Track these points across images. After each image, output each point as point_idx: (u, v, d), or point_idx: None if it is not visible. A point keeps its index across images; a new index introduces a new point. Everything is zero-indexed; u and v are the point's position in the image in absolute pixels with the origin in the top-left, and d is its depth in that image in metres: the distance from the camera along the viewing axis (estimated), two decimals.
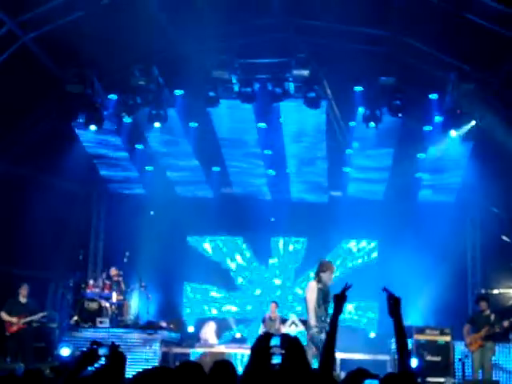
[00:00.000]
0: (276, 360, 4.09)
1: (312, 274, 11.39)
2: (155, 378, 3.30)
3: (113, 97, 14.72)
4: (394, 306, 4.31)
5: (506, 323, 13.42)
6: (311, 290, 10.61)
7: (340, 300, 4.65)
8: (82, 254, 17.73)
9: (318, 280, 10.65)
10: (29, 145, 14.80)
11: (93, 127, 14.97)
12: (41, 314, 14.56)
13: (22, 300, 14.30)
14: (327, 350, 4.41)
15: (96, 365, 3.99)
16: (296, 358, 4.06)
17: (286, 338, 4.18)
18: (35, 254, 15.14)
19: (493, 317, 13.51)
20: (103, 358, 4.06)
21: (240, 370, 4.50)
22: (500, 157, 14.83)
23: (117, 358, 4.10)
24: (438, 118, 14.59)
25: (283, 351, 4.12)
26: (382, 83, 13.65)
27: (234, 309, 18.81)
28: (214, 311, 18.78)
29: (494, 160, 15.00)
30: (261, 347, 4.22)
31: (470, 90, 13.47)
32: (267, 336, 4.29)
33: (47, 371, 10.84)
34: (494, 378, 13.29)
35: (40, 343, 14.49)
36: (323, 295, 10.51)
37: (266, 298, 17.81)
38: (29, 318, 14.22)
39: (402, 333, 4.24)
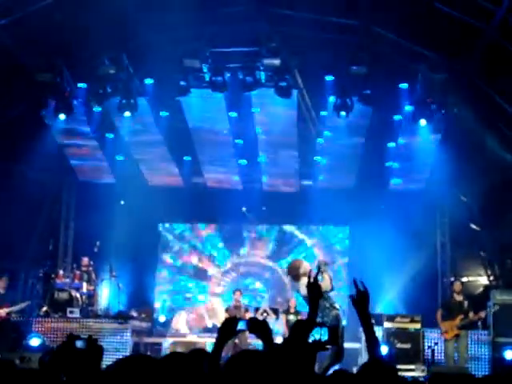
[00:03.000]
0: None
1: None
2: (138, 368, 3.29)
3: (82, 85, 14.60)
4: (360, 299, 4.19)
5: (482, 314, 13.61)
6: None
7: (312, 290, 4.36)
8: (51, 243, 17.62)
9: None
10: None
11: (62, 116, 14.87)
12: (25, 303, 14.48)
13: (1, 291, 14.17)
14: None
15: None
16: (269, 339, 4.03)
17: (253, 321, 4.15)
18: (3, 245, 14.98)
19: (466, 304, 13.67)
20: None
21: None
22: (469, 146, 14.97)
23: (94, 350, 4.06)
24: (408, 108, 14.68)
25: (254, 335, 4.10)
26: (352, 72, 13.68)
27: (204, 298, 18.79)
28: (187, 301, 18.74)
29: (463, 149, 15.13)
30: (227, 331, 4.19)
31: (440, 79, 13.56)
32: (233, 320, 4.26)
33: (17, 361, 10.78)
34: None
35: (12, 334, 14.38)
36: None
37: (236, 286, 17.83)
38: (16, 308, 14.15)
39: (368, 325, 4.15)
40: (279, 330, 15.17)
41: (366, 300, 4.16)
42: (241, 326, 4.14)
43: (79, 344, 4.06)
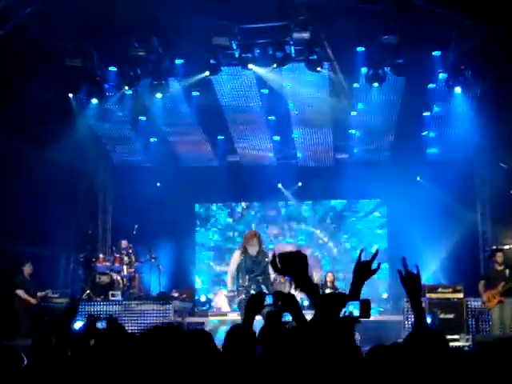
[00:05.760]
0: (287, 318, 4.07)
1: None
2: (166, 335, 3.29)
3: (113, 69, 14.60)
4: (411, 285, 4.08)
5: None
6: (232, 259, 11.74)
7: (362, 271, 4.01)
8: (90, 228, 17.75)
9: (242, 251, 11.38)
10: (30, 122, 14.69)
11: (94, 100, 14.92)
12: (45, 292, 14.62)
13: (28, 278, 14.33)
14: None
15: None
16: (297, 312, 3.98)
17: (278, 295, 4.12)
18: (44, 232, 15.12)
19: (507, 272, 13.47)
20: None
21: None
22: (506, 111, 14.69)
23: (115, 330, 4.07)
24: (442, 76, 14.45)
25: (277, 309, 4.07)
26: (384, 42, 13.46)
27: None
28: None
29: (500, 115, 14.86)
30: (254, 307, 4.17)
31: (473, 45, 13.29)
32: (260, 295, 4.25)
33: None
34: None
35: (54, 319, 14.53)
36: (247, 265, 11.27)
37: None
38: (42, 294, 14.32)
39: (419, 312, 4.06)
40: None
41: (418, 285, 4.09)
42: (269, 300, 4.12)
43: (100, 325, 4.08)
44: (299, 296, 14.91)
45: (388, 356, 3.53)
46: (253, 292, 11.19)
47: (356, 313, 4.08)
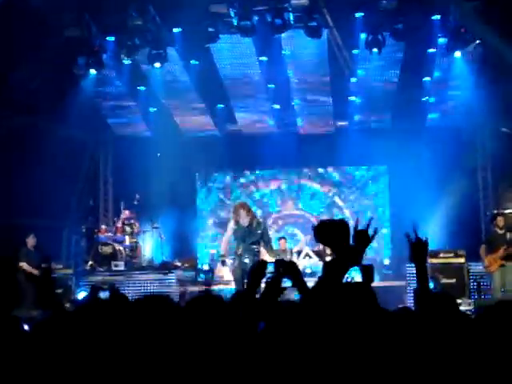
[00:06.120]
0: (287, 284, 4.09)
1: None
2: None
3: (111, 39, 14.50)
4: (418, 251, 4.11)
5: None
6: (227, 228, 12.47)
7: (360, 240, 3.91)
8: (92, 199, 17.78)
9: (235, 222, 11.98)
10: (29, 94, 14.63)
11: (93, 71, 14.85)
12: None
13: (31, 249, 14.36)
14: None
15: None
16: (299, 280, 4.00)
17: (280, 262, 4.14)
18: (46, 204, 15.15)
19: (508, 235, 13.51)
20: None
21: None
22: (507, 75, 14.61)
23: (118, 299, 4.10)
24: (441, 40, 14.34)
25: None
26: (383, 7, 13.37)
27: None
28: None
29: (501, 78, 14.79)
30: (256, 274, 4.21)
31: (473, 7, 13.18)
32: (262, 263, 4.28)
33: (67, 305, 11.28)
34: None
35: (58, 289, 14.61)
36: (240, 234, 11.86)
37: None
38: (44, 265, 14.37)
39: (424, 277, 4.08)
40: None
41: (425, 250, 4.14)
42: (271, 268, 4.15)
43: (103, 294, 4.10)
44: (301, 264, 15.08)
45: (399, 320, 3.55)
46: (246, 261, 11.49)
47: (358, 278, 4.09)
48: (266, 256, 11.87)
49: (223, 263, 14.58)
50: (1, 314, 3.95)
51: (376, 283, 14.51)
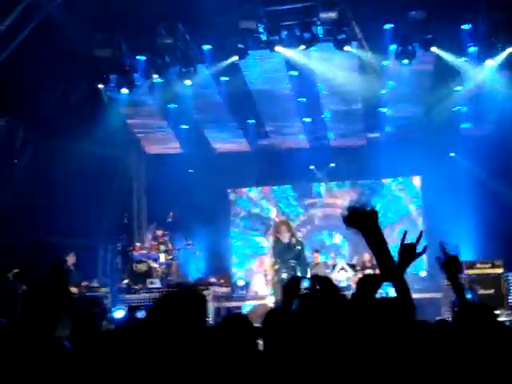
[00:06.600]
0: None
1: None
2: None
3: (141, 58, 14.61)
4: (451, 268, 4.05)
5: None
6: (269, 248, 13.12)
7: (407, 254, 3.73)
8: (126, 217, 17.88)
9: (274, 239, 12.47)
10: (61, 114, 14.79)
11: (124, 90, 14.96)
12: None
13: (71, 268, 14.47)
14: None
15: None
16: (330, 295, 3.96)
17: (315, 278, 4.12)
18: (79, 223, 15.26)
19: None
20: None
21: None
22: None
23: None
24: (472, 49, 14.24)
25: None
26: (412, 18, 13.31)
27: None
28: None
29: None
30: (290, 290, 4.19)
31: (503, 16, 13.10)
32: (296, 279, 4.27)
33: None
34: None
35: (95, 309, 14.67)
36: (279, 250, 12.27)
37: (311, 243, 17.83)
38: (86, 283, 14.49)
39: (460, 291, 4.03)
40: None
41: (457, 266, 4.08)
42: (306, 284, 4.14)
43: (140, 314, 4.11)
44: (337, 278, 15.02)
45: (437, 332, 3.51)
46: (284, 276, 11.54)
47: (392, 293, 4.03)
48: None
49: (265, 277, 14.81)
50: (45, 334, 3.97)
51: (413, 295, 14.42)
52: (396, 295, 3.52)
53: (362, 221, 3.37)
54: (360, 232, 3.37)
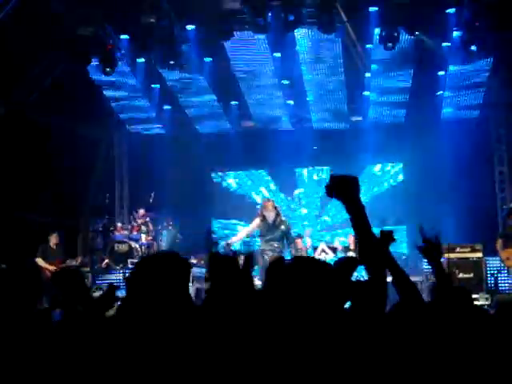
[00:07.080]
0: None
1: None
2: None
3: (124, 37, 14.50)
4: (431, 251, 4.06)
5: None
6: (252, 223, 12.80)
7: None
8: (108, 198, 17.83)
9: (261, 218, 12.36)
10: (43, 93, 14.66)
11: (107, 69, 14.84)
12: (79, 259, 14.74)
13: (53, 247, 14.44)
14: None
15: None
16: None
17: (298, 259, 4.12)
18: (61, 202, 15.19)
19: None
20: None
21: None
22: None
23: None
24: (456, 34, 14.25)
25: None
26: (397, 1, 13.30)
27: None
28: (244, 245, 18.80)
29: None
30: (274, 270, 4.20)
31: (487, 1, 13.10)
32: (279, 259, 4.28)
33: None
34: None
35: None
36: (264, 230, 12.27)
37: (294, 228, 17.84)
38: (66, 264, 14.43)
39: (441, 275, 4.03)
40: None
41: (438, 252, 4.07)
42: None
43: (120, 293, 4.09)
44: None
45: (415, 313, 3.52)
46: (266, 258, 11.55)
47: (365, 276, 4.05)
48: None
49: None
50: (26, 308, 3.96)
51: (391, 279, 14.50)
52: (368, 278, 3.54)
53: (343, 188, 3.37)
54: (341, 199, 3.37)
